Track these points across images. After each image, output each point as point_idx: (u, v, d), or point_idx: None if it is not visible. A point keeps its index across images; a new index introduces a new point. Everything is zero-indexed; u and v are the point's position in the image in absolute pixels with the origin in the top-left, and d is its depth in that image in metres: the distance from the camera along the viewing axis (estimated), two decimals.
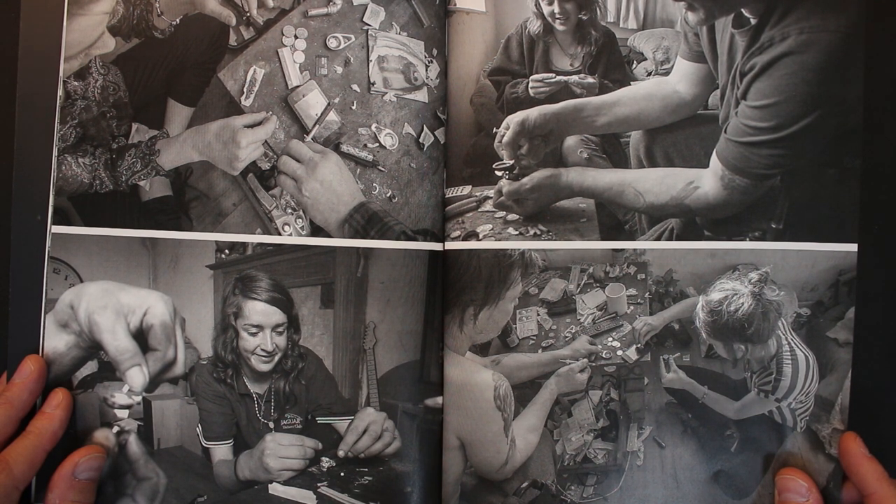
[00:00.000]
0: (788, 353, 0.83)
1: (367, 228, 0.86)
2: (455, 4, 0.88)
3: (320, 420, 0.86)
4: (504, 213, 0.88)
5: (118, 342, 0.79)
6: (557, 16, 0.89)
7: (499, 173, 0.88)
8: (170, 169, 0.85)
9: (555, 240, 0.87)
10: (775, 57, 0.81)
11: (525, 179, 0.88)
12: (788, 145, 0.82)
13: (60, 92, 0.82)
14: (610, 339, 0.87)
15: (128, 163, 0.84)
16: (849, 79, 0.81)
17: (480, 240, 0.86)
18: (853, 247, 0.82)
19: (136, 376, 0.80)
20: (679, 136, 0.88)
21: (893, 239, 0.86)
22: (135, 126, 0.84)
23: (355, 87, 0.88)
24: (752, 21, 0.83)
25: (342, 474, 0.85)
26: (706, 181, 0.85)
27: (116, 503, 0.79)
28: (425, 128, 0.88)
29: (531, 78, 0.89)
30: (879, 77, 0.84)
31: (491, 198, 0.89)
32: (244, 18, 0.86)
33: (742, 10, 0.83)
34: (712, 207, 0.85)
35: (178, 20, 0.85)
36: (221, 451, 0.84)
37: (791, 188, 0.83)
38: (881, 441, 0.78)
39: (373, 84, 0.88)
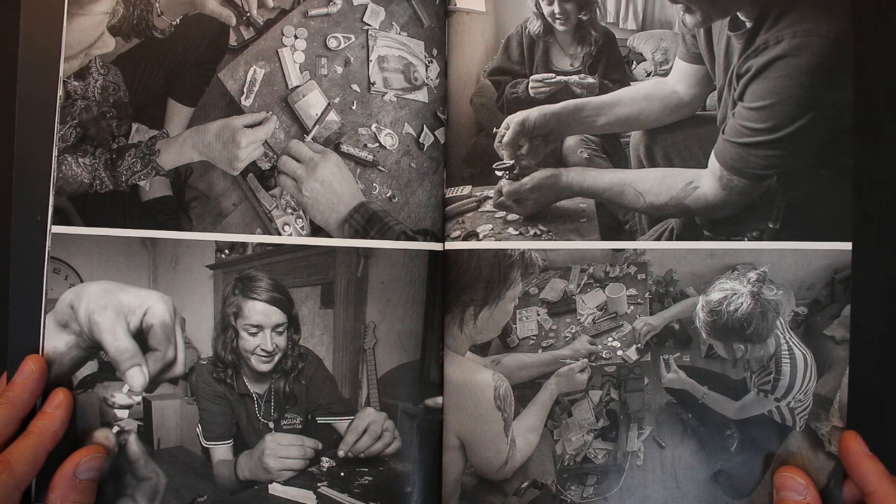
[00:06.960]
0: (787, 353, 0.83)
1: (367, 228, 0.86)
2: (455, 4, 0.88)
3: (320, 420, 0.86)
4: (504, 213, 0.89)
5: (118, 342, 0.79)
6: (557, 16, 0.90)
7: (499, 173, 0.89)
8: (170, 169, 0.85)
9: (555, 240, 0.87)
10: (770, 60, 0.82)
11: (525, 179, 0.89)
12: (784, 146, 0.83)
13: (60, 92, 0.82)
14: (610, 339, 0.87)
15: (128, 163, 0.83)
16: (840, 82, 0.82)
17: (480, 240, 0.86)
18: (847, 245, 0.83)
19: (136, 376, 0.80)
20: (678, 137, 0.88)
21: (886, 237, 0.87)
22: (135, 126, 0.84)
23: (355, 87, 0.88)
24: (748, 24, 0.84)
25: (342, 474, 0.84)
26: (705, 181, 0.86)
27: (116, 503, 0.79)
28: (425, 128, 0.88)
29: (531, 78, 0.90)
30: (869, 81, 0.85)
31: (491, 198, 0.89)
32: (244, 18, 0.86)
33: (738, 13, 0.84)
34: (711, 207, 0.86)
35: (178, 20, 0.85)
36: (221, 451, 0.84)
37: (787, 188, 0.84)
38: (880, 438, 0.78)
39: (373, 84, 0.88)
